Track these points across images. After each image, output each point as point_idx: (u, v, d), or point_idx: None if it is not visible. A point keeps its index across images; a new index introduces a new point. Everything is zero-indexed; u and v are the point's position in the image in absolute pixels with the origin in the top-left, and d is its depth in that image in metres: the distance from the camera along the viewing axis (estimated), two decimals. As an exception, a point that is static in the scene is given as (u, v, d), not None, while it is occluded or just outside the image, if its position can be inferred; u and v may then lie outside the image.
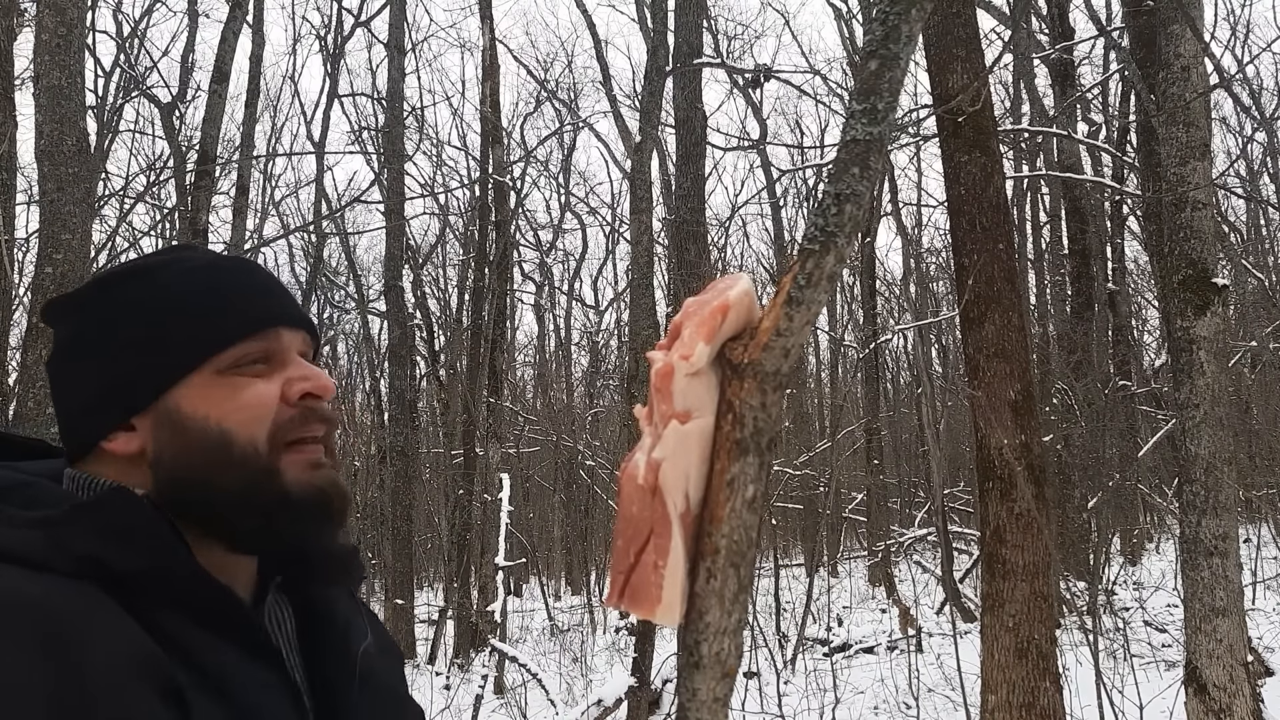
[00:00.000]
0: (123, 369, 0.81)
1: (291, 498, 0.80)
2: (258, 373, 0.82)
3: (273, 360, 0.83)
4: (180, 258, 0.87)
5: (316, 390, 0.83)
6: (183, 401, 0.80)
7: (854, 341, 19.84)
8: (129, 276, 0.85)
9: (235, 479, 0.79)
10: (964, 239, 5.21)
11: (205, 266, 0.85)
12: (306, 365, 0.85)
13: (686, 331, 0.76)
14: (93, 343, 0.83)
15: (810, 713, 7.31)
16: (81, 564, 0.70)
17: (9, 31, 7.11)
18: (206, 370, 0.81)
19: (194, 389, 0.80)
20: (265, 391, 0.82)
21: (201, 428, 0.79)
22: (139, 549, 0.72)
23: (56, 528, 0.72)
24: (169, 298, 0.83)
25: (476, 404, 12.60)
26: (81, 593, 0.69)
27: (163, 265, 0.86)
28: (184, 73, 13.98)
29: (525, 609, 16.57)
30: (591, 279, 27.10)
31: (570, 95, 23.19)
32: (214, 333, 0.81)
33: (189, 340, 0.81)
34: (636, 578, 0.76)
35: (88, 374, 0.83)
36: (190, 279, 0.84)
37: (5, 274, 6.80)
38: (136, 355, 0.81)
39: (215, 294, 0.83)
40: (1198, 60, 5.06)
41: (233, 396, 0.80)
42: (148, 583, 0.72)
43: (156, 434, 0.80)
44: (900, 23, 0.74)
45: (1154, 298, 17.50)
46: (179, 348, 0.81)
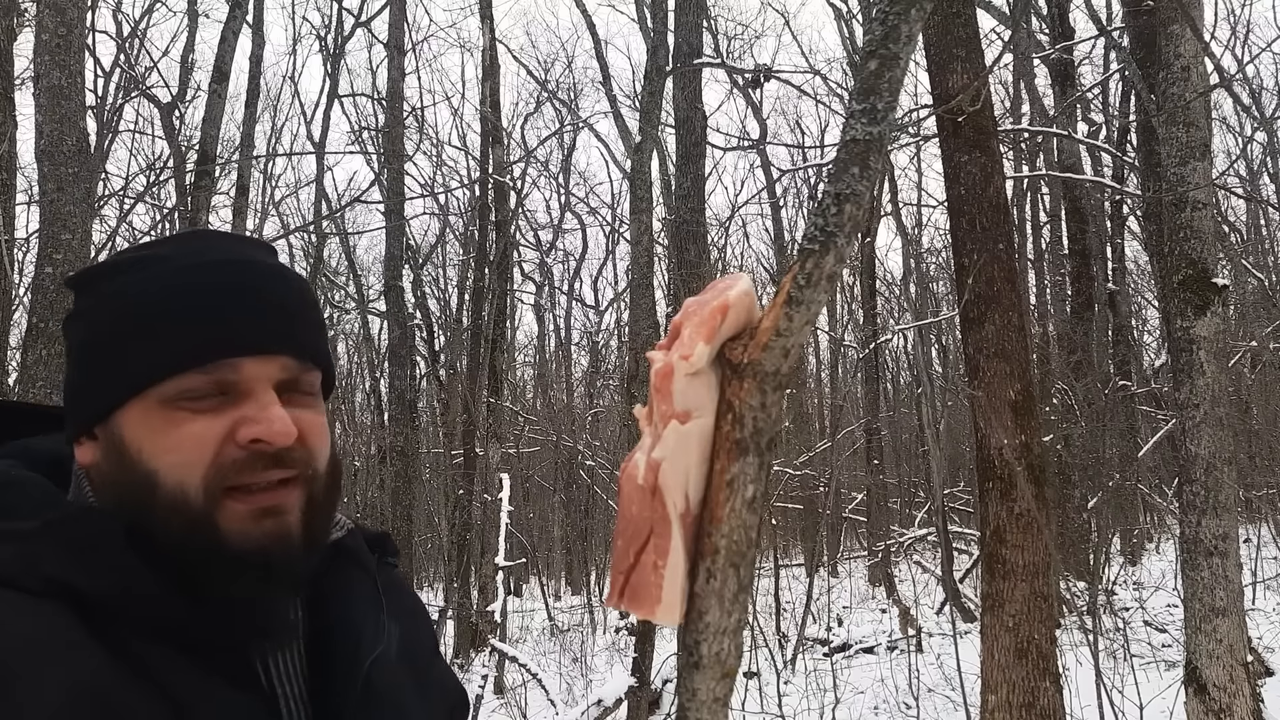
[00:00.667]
0: (84, 375, 0.78)
1: (227, 550, 0.73)
2: (206, 408, 0.74)
3: (232, 393, 0.75)
4: (167, 255, 0.79)
5: (264, 436, 0.74)
6: (125, 426, 0.75)
7: (854, 341, 19.84)
8: (116, 270, 0.79)
9: (165, 521, 0.73)
10: (964, 239, 5.21)
11: (179, 272, 0.77)
12: (265, 405, 0.75)
13: (686, 331, 0.76)
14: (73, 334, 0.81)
15: (810, 713, 7.31)
16: (49, 584, 0.68)
17: (9, 31, 7.11)
18: (151, 396, 0.74)
19: (135, 415, 0.74)
20: (201, 432, 0.73)
21: (134, 461, 0.74)
22: (104, 571, 0.70)
23: (28, 543, 0.70)
24: (128, 309, 0.76)
25: (476, 404, 12.59)
26: (43, 615, 0.67)
27: (142, 263, 0.78)
28: (184, 73, 13.98)
29: (525, 609, 16.56)
30: (591, 279, 27.16)
31: (570, 95, 23.24)
32: (154, 359, 0.74)
33: (131, 362, 0.75)
34: (636, 578, 0.76)
35: (68, 369, 0.81)
36: (153, 289, 0.76)
37: (5, 274, 6.80)
38: (93, 364, 0.77)
39: (168, 313, 0.75)
40: (1198, 60, 5.05)
41: (165, 433, 0.73)
42: (116, 605, 0.70)
43: (104, 453, 0.77)
44: (900, 22, 0.74)
45: (1154, 298, 17.51)
46: (123, 368, 0.75)
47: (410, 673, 0.88)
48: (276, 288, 0.80)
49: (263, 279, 0.79)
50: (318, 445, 0.79)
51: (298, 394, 0.79)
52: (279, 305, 0.79)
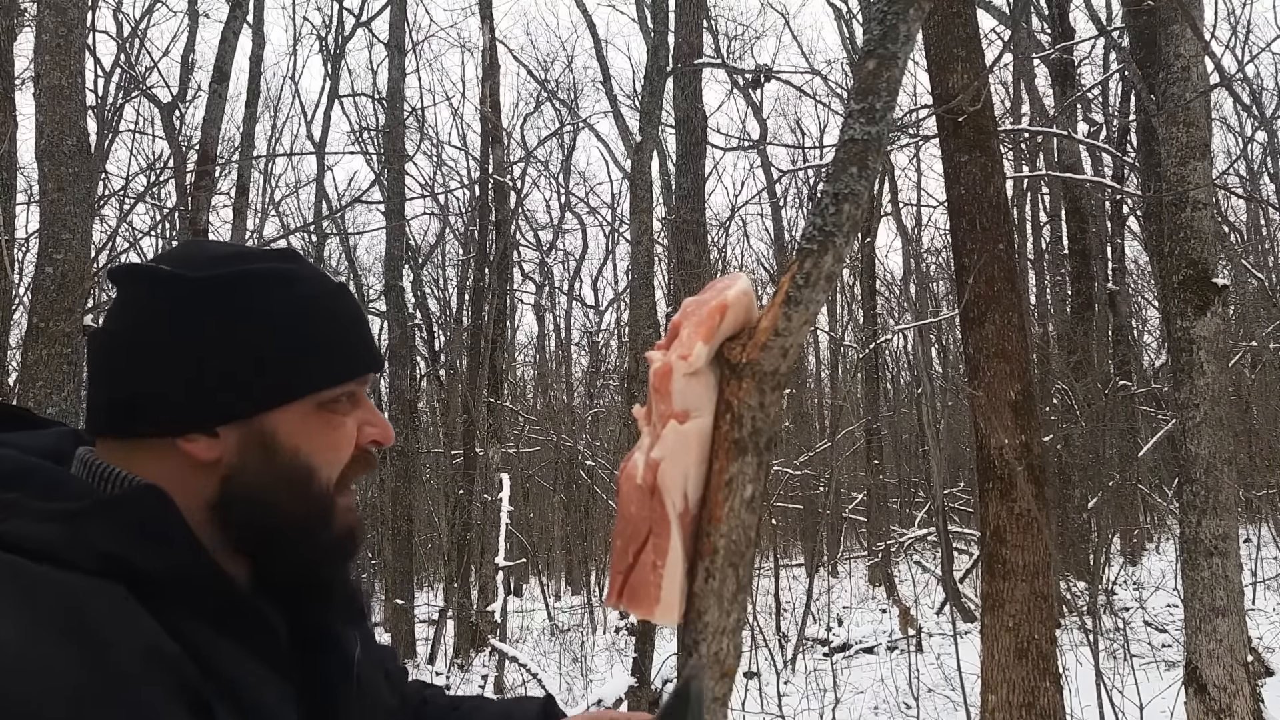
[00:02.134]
0: (231, 377, 0.78)
1: (337, 539, 0.83)
2: (346, 411, 0.84)
3: (355, 400, 0.85)
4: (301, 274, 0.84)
5: (382, 440, 0.86)
6: (280, 426, 0.80)
7: (854, 341, 19.83)
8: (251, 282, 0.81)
9: (304, 513, 0.81)
10: (964, 239, 5.21)
11: (328, 293, 0.85)
12: (375, 410, 0.87)
13: (685, 331, 0.76)
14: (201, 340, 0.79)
15: (810, 713, 7.31)
16: (105, 562, 0.69)
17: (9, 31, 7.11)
18: (309, 401, 0.81)
19: (293, 417, 0.81)
20: (350, 434, 0.84)
21: (291, 456, 0.80)
22: (166, 550, 0.71)
23: (79, 521, 0.70)
24: (293, 319, 0.81)
25: (476, 404, 12.59)
26: (103, 591, 0.67)
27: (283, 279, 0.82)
28: (184, 73, 13.98)
29: (525, 609, 16.57)
30: (591, 279, 27.13)
31: (570, 95, 23.21)
32: (328, 369, 0.82)
33: (304, 370, 0.81)
34: (635, 577, 0.76)
35: (184, 367, 0.78)
36: (313, 304, 0.83)
37: (5, 274, 6.80)
38: (250, 368, 0.79)
39: (335, 328, 0.84)
40: (1198, 60, 5.05)
41: (325, 433, 0.82)
42: (172, 585, 0.71)
43: (242, 449, 0.79)
44: (898, 22, 0.74)
45: (1154, 298, 17.51)
46: (292, 374, 0.80)
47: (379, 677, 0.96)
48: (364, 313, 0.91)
49: (360, 305, 0.92)
50: None
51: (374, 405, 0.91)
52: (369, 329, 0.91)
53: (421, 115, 18.05)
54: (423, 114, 18.26)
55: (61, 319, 4.46)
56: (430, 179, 19.73)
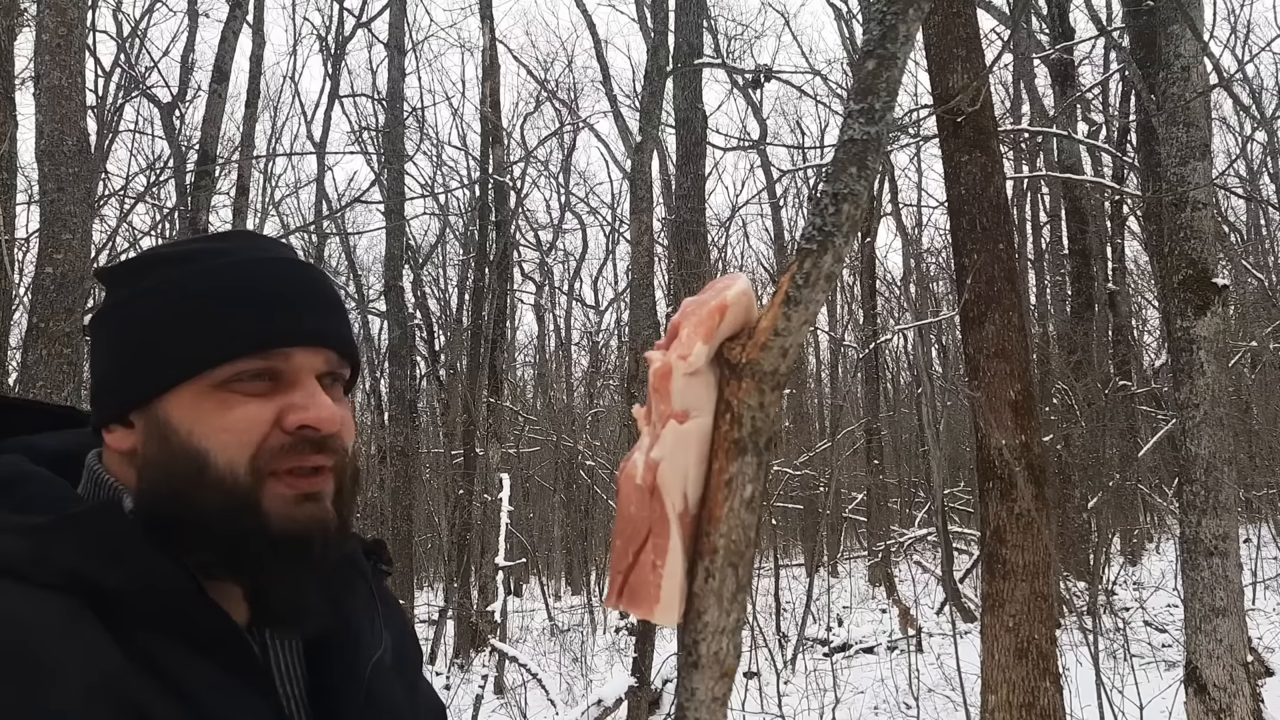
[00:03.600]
0: (126, 363, 0.79)
1: (270, 531, 0.75)
2: (256, 391, 0.77)
3: (280, 380, 0.78)
4: (217, 249, 0.81)
5: (311, 422, 0.77)
6: (172, 410, 0.76)
7: (854, 341, 19.84)
8: (162, 262, 0.81)
9: (211, 502, 0.74)
10: (964, 239, 5.21)
11: (234, 265, 0.80)
12: (313, 393, 0.78)
13: (684, 331, 0.75)
14: (114, 324, 0.80)
15: (810, 713, 7.31)
16: (64, 577, 0.68)
17: (9, 31, 7.11)
18: (201, 381, 0.76)
19: (184, 399, 0.76)
20: (255, 414, 0.76)
21: (183, 442, 0.75)
22: (121, 565, 0.70)
23: (43, 536, 0.70)
24: (181, 297, 0.78)
25: (476, 404, 12.59)
26: (57, 608, 0.67)
27: (192, 256, 0.80)
28: (184, 73, 13.97)
29: (525, 609, 16.56)
30: (591, 279, 27.11)
31: (570, 95, 23.20)
32: (214, 344, 0.76)
33: (188, 347, 0.76)
34: (635, 577, 0.76)
35: (105, 357, 0.80)
36: (211, 278, 0.79)
37: (5, 274, 6.80)
38: (139, 352, 0.78)
39: (227, 300, 0.78)
40: (1198, 60, 5.06)
41: (218, 414, 0.75)
42: (131, 600, 0.70)
43: (146, 436, 0.77)
44: (898, 22, 0.74)
45: (1154, 298, 17.51)
46: (177, 353, 0.76)
47: (402, 680, 0.91)
48: (323, 284, 0.84)
49: (310, 275, 0.83)
50: (348, 437, 0.82)
51: (333, 387, 0.82)
52: (326, 301, 0.83)
53: (421, 115, 18.07)
54: (423, 114, 18.29)
55: (61, 319, 4.46)
56: (430, 179, 19.76)
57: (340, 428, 0.80)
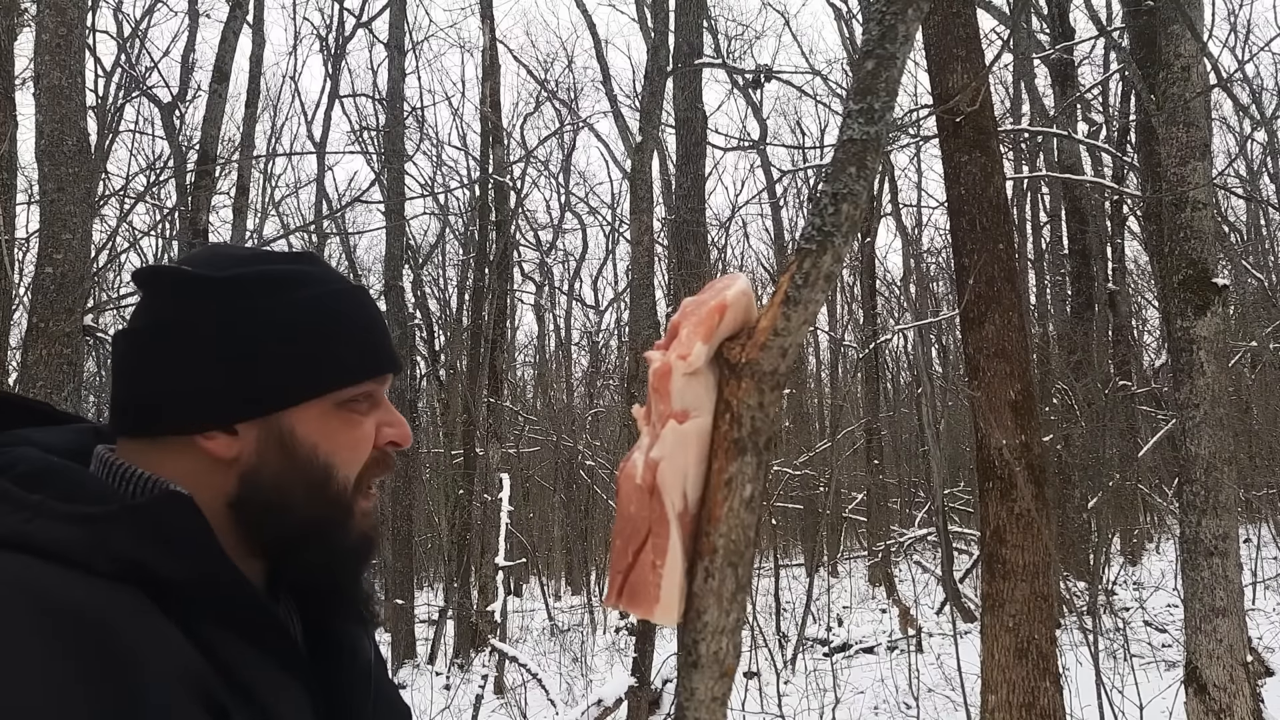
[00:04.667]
0: (250, 375, 0.79)
1: (353, 540, 0.83)
2: (364, 412, 0.83)
3: (373, 400, 0.85)
4: (319, 276, 0.85)
5: (400, 440, 0.85)
6: (298, 424, 0.80)
7: (854, 341, 19.84)
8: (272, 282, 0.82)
9: (321, 512, 0.80)
10: (964, 239, 5.21)
11: (342, 294, 0.85)
12: (394, 411, 0.86)
13: (684, 331, 0.76)
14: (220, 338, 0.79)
15: (810, 713, 7.31)
16: (123, 567, 0.68)
17: (9, 31, 7.11)
18: (327, 400, 0.81)
19: (311, 415, 0.81)
20: (367, 434, 0.83)
21: (309, 455, 0.80)
22: (188, 557, 0.71)
23: (100, 526, 0.69)
24: (312, 318, 0.82)
25: (476, 404, 12.60)
26: (122, 598, 0.67)
27: (302, 280, 0.83)
28: (184, 73, 13.98)
29: (525, 609, 16.57)
30: (591, 279, 27.12)
31: (570, 95, 23.20)
32: (347, 368, 0.82)
33: (322, 368, 0.81)
34: (635, 577, 0.76)
35: (204, 365, 0.79)
36: (332, 304, 0.83)
37: (5, 274, 6.80)
38: (269, 366, 0.79)
39: (354, 328, 0.84)
40: (1198, 60, 5.05)
41: (344, 432, 0.82)
42: (192, 592, 0.71)
43: (261, 447, 0.80)
44: (897, 22, 0.74)
45: (1154, 298, 17.51)
46: (311, 372, 0.80)
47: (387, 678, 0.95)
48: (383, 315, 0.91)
49: (375, 304, 0.91)
50: None
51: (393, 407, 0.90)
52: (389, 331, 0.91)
53: (421, 115, 18.07)
54: (423, 114, 18.28)
55: (61, 319, 4.46)
56: (430, 179, 19.75)
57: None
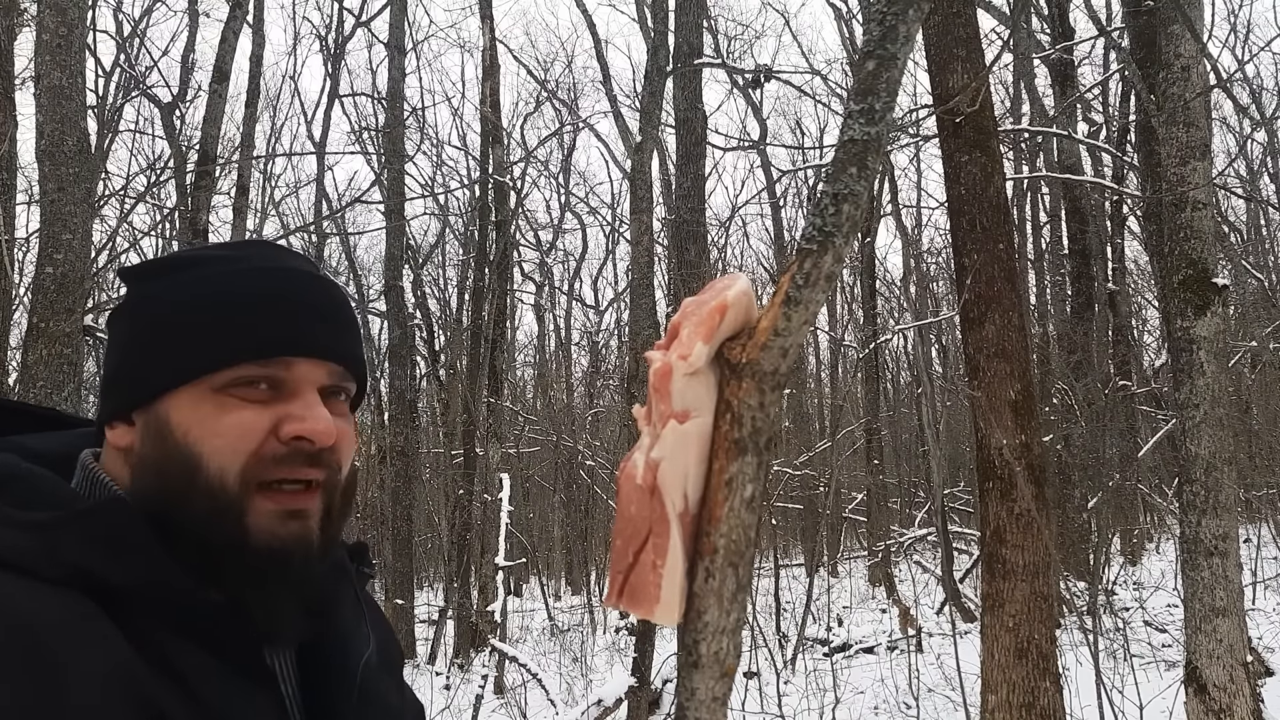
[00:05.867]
0: (133, 361, 0.79)
1: (249, 544, 0.74)
2: (256, 399, 0.76)
3: (281, 390, 0.78)
4: (233, 256, 0.82)
5: (307, 433, 0.76)
6: (173, 410, 0.76)
7: (854, 341, 19.84)
8: (175, 265, 0.82)
9: (198, 506, 0.74)
10: (964, 239, 5.21)
11: (246, 272, 0.80)
12: (312, 404, 0.78)
13: (685, 331, 0.76)
14: (126, 322, 0.81)
15: (810, 713, 7.31)
16: (71, 573, 0.68)
17: (9, 31, 7.11)
18: (203, 384, 0.76)
19: (186, 400, 0.76)
20: (251, 421, 0.76)
21: (179, 443, 0.75)
22: (134, 562, 0.70)
23: (49, 533, 0.69)
24: (191, 299, 0.79)
25: (476, 404, 12.60)
26: (67, 604, 0.67)
27: (209, 261, 0.81)
28: (184, 73, 13.97)
29: (525, 609, 16.57)
30: (591, 279, 27.13)
31: (570, 95, 23.22)
32: (216, 347, 0.76)
33: (192, 349, 0.77)
34: (635, 577, 0.76)
35: (112, 356, 0.81)
36: (220, 284, 0.79)
37: (5, 274, 6.80)
38: (146, 350, 0.79)
39: (234, 306, 0.78)
40: (1198, 60, 5.05)
41: (215, 418, 0.75)
42: (140, 597, 0.70)
43: (144, 435, 0.78)
44: (898, 23, 0.74)
45: (1154, 298, 17.50)
46: (181, 354, 0.77)
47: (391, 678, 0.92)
48: (333, 298, 0.84)
49: (320, 288, 0.83)
50: (345, 455, 0.81)
51: (336, 402, 0.82)
52: (333, 315, 0.82)
53: (421, 115, 18.07)
54: (423, 114, 18.29)
55: (61, 319, 4.46)
56: (430, 179, 19.75)
57: (337, 441, 0.79)
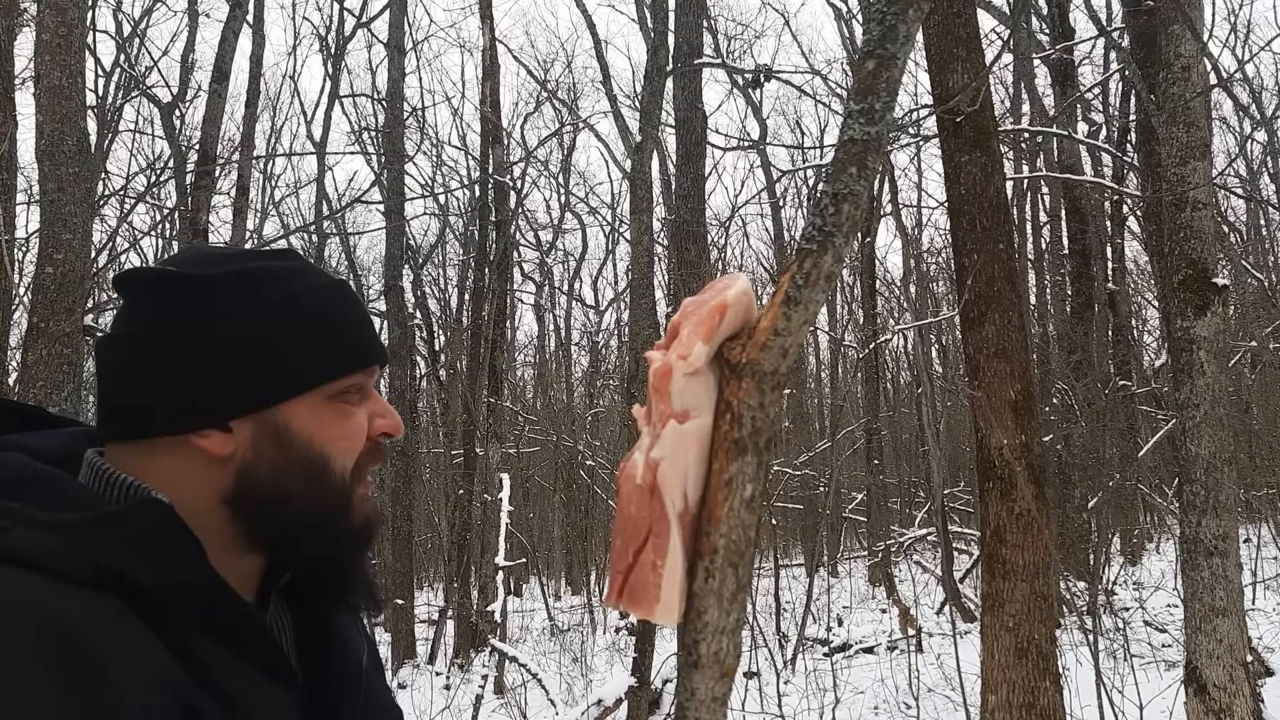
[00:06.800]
0: (241, 371, 0.79)
1: (355, 528, 0.84)
2: (355, 403, 0.85)
3: (363, 392, 0.86)
4: (299, 270, 0.86)
5: (392, 430, 0.87)
6: (292, 418, 0.81)
7: (854, 341, 19.83)
8: (255, 279, 0.82)
9: (321, 502, 0.81)
10: (964, 239, 5.21)
11: (328, 288, 0.86)
12: (384, 402, 0.88)
13: (685, 331, 0.76)
14: (209, 336, 0.79)
15: (810, 713, 7.31)
16: (102, 575, 0.68)
17: (9, 31, 7.10)
18: (320, 393, 0.82)
19: (304, 408, 0.81)
20: (360, 424, 0.85)
21: (305, 447, 0.81)
22: (166, 564, 0.71)
23: (79, 534, 0.69)
24: (299, 313, 0.83)
25: (476, 404, 12.60)
26: (98, 604, 0.67)
27: (284, 276, 0.84)
28: (184, 73, 13.98)
29: (525, 609, 16.57)
30: (591, 279, 27.13)
31: (570, 95, 23.25)
32: (337, 359, 0.83)
33: (313, 361, 0.82)
34: (635, 577, 0.76)
35: (194, 365, 0.79)
36: (318, 299, 0.84)
37: (5, 274, 6.80)
38: (259, 362, 0.80)
39: (340, 321, 0.85)
40: (1198, 60, 5.05)
41: (337, 423, 0.83)
42: (171, 598, 0.71)
43: (256, 442, 0.80)
44: (898, 23, 0.74)
45: (1154, 298, 17.51)
46: (302, 365, 0.81)
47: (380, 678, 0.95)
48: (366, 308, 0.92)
49: (361, 299, 0.92)
50: None
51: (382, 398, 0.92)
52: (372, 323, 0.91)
53: (421, 115, 18.07)
54: (423, 114, 18.29)
55: (61, 319, 4.46)
56: (430, 179, 19.76)
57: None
